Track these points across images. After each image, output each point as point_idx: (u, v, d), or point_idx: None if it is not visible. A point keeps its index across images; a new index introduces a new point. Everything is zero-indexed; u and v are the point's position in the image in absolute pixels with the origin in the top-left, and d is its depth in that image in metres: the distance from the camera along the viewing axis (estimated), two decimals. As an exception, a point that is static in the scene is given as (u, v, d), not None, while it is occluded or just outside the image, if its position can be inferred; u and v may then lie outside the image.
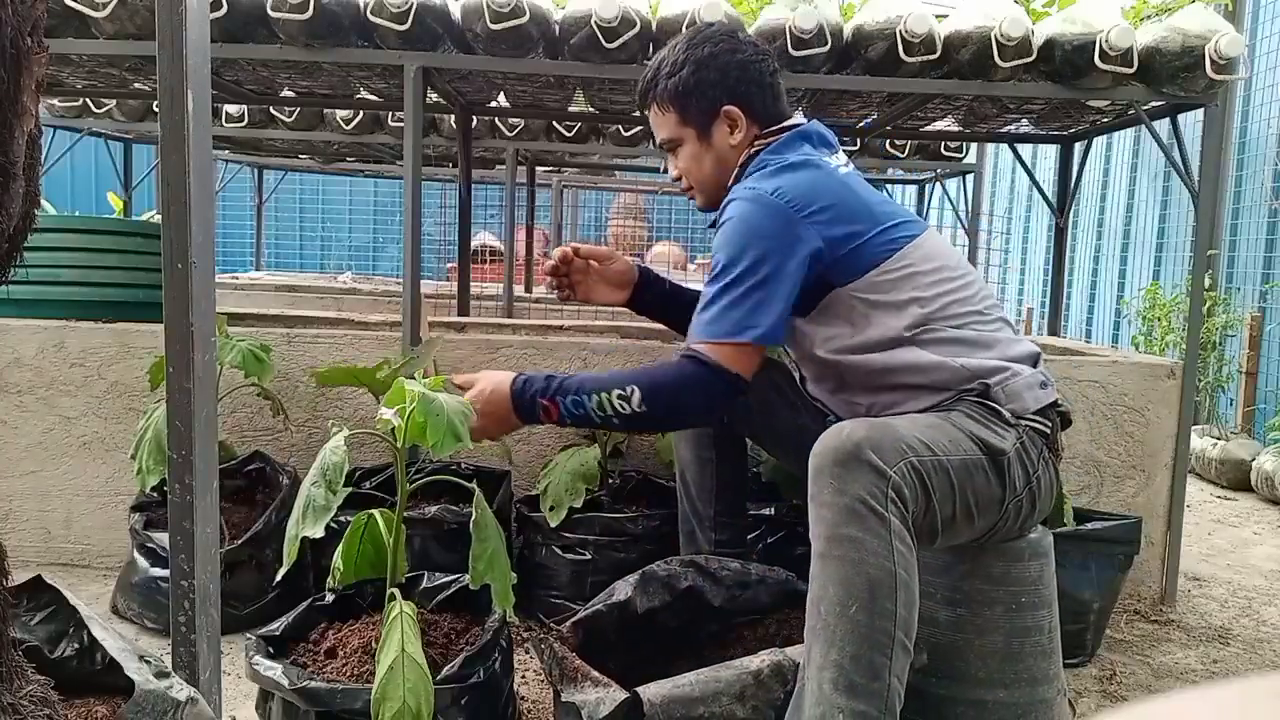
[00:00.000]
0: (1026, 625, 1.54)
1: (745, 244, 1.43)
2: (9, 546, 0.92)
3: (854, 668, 1.19)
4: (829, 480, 1.25)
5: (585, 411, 1.43)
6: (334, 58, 2.29)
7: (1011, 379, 1.47)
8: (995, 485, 1.39)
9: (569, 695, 1.26)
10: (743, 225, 1.45)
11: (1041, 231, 7.03)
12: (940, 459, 1.32)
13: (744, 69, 1.58)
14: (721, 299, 1.42)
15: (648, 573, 1.56)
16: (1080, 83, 2.25)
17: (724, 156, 1.61)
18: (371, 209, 10.51)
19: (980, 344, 1.49)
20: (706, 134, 1.60)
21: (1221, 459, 3.99)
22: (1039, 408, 1.47)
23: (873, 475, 1.24)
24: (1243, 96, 4.91)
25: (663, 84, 1.59)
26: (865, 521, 1.22)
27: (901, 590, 1.22)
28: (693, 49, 1.58)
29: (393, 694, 1.16)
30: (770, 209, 1.45)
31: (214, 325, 1.19)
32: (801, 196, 1.46)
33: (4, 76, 0.77)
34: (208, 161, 1.16)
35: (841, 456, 1.25)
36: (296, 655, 1.39)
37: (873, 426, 1.30)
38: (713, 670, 1.27)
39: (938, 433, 1.35)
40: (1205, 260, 2.50)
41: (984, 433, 1.40)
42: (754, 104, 1.59)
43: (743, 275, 1.42)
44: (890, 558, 1.22)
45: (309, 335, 2.37)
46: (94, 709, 1.09)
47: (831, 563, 1.23)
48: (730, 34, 1.61)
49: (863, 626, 1.20)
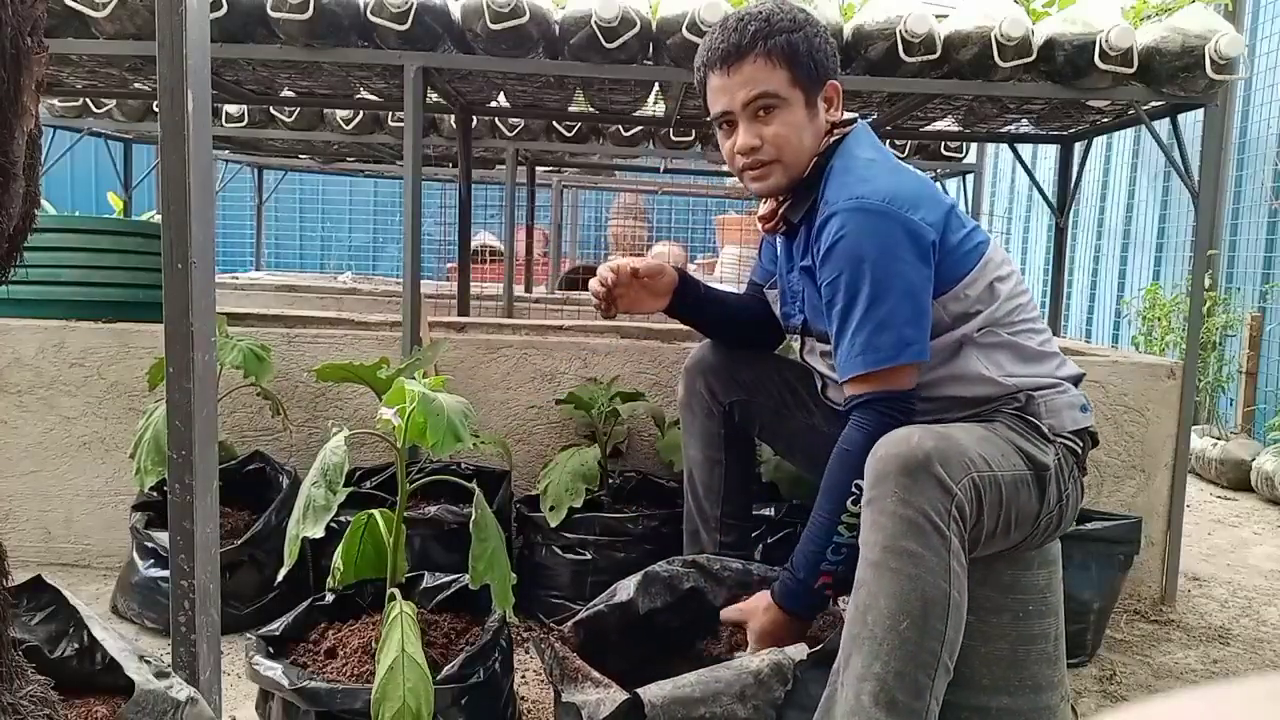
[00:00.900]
0: (1033, 633, 1.54)
1: (873, 260, 1.36)
2: (9, 546, 0.92)
3: (898, 684, 1.18)
4: (893, 489, 1.22)
5: (846, 545, 1.35)
6: (334, 58, 2.29)
7: (1055, 396, 1.46)
8: (1035, 500, 1.39)
9: (569, 695, 1.26)
10: (865, 240, 1.37)
11: (1041, 231, 7.02)
12: (995, 474, 1.31)
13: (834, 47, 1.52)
14: (868, 322, 1.36)
15: (649, 573, 1.56)
16: (1080, 83, 2.25)
17: (819, 132, 1.50)
18: (371, 209, 10.51)
19: (1031, 355, 1.48)
20: (814, 103, 1.49)
21: (1221, 459, 3.99)
22: (1076, 429, 1.47)
23: (939, 491, 1.22)
24: (1243, 96, 4.91)
25: (782, 36, 1.44)
26: (927, 537, 1.20)
27: (954, 613, 1.21)
28: (807, 13, 1.48)
29: (393, 694, 1.17)
30: (889, 218, 1.38)
31: (214, 325, 1.19)
32: (909, 199, 1.40)
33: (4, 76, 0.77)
34: (208, 161, 1.16)
35: (910, 466, 1.22)
36: (296, 655, 1.39)
37: (939, 437, 1.27)
38: (713, 670, 1.27)
39: (992, 446, 1.34)
40: (1205, 260, 2.49)
41: (1029, 447, 1.39)
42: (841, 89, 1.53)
43: (882, 294, 1.35)
44: (947, 578, 1.21)
45: (309, 335, 2.37)
46: (94, 709, 1.09)
47: (886, 574, 1.21)
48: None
49: (911, 644, 1.18)
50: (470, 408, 1.36)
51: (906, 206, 1.39)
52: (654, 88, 2.85)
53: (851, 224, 1.38)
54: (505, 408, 2.36)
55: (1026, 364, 1.47)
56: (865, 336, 1.36)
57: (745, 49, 1.45)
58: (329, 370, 1.83)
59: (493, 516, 1.41)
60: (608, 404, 2.16)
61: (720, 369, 1.79)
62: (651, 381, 2.37)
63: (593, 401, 2.16)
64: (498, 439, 1.99)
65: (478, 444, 1.70)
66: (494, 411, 2.35)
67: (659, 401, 2.35)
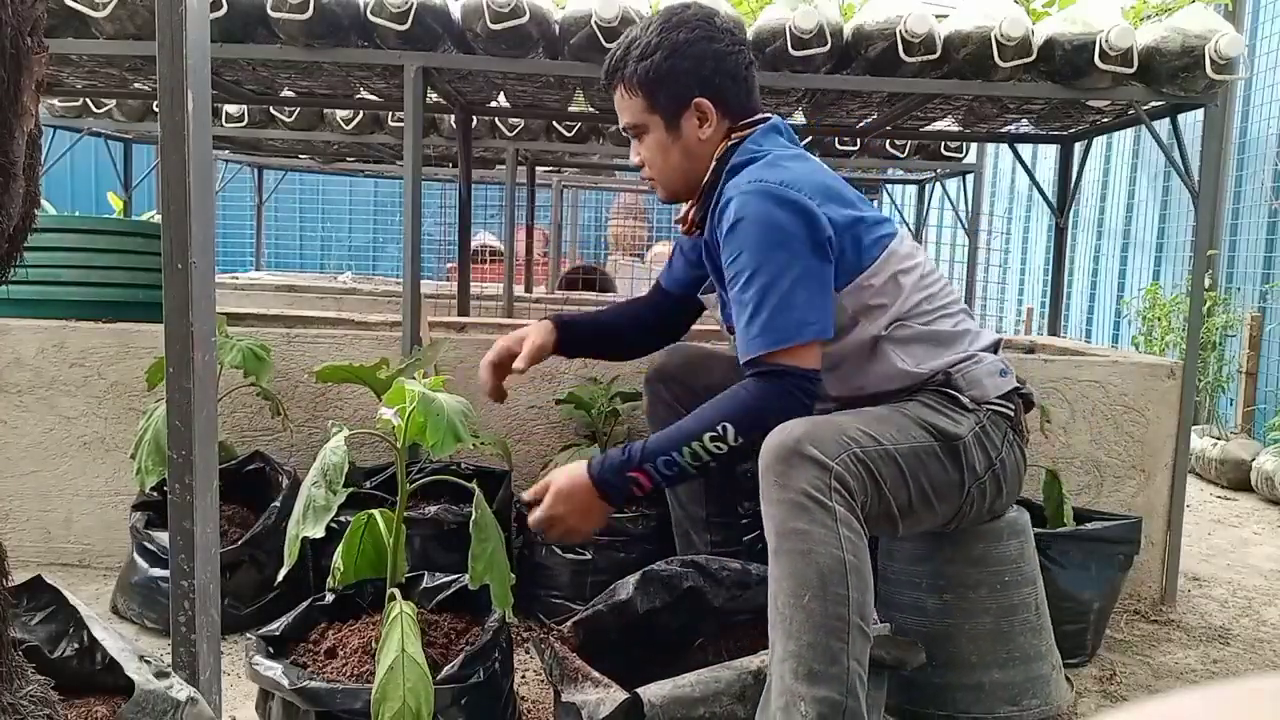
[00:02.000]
0: (1013, 603, 1.55)
1: (772, 241, 1.38)
2: (9, 546, 0.92)
3: (812, 655, 1.20)
4: (773, 478, 1.26)
5: (680, 467, 1.37)
6: (334, 58, 2.29)
7: (972, 367, 1.49)
8: (952, 470, 1.41)
9: (569, 695, 1.26)
10: (762, 223, 1.39)
11: (1041, 231, 7.02)
12: (886, 448, 1.34)
13: (720, 60, 1.51)
14: (766, 304, 1.37)
15: (648, 573, 1.56)
16: (1080, 83, 2.25)
17: (691, 150, 1.54)
18: (371, 209, 10.51)
19: (945, 340, 1.50)
20: (674, 124, 1.53)
21: (1221, 459, 3.99)
22: (1001, 394, 1.50)
23: (814, 469, 1.25)
24: (1243, 96, 4.91)
25: (633, 66, 1.51)
26: (810, 513, 1.24)
27: (852, 575, 1.23)
28: (668, 33, 1.50)
29: (393, 694, 1.16)
30: (786, 202, 1.40)
31: (214, 325, 1.20)
32: (809, 185, 1.43)
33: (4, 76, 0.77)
34: (208, 161, 1.16)
35: (783, 453, 1.26)
36: (296, 655, 1.39)
37: (814, 423, 1.31)
38: (712, 670, 1.27)
39: (884, 424, 1.37)
40: (1205, 260, 2.49)
41: (937, 419, 1.41)
42: (727, 98, 1.53)
43: (779, 274, 1.37)
44: (839, 545, 1.23)
45: (309, 335, 2.37)
46: (94, 709, 1.09)
47: (782, 557, 1.24)
48: (707, 20, 1.53)
49: (816, 615, 1.21)
50: (470, 408, 1.36)
51: (804, 193, 1.41)
52: (654, 88, 2.84)
53: (749, 206, 1.40)
54: (505, 408, 2.35)
55: (942, 349, 1.50)
56: (765, 317, 1.38)
57: (609, 80, 1.57)
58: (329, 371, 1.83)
59: (493, 517, 1.41)
60: (608, 404, 2.16)
61: (679, 377, 1.82)
62: (651, 381, 2.36)
63: (593, 401, 2.16)
64: (498, 439, 1.99)
65: (478, 444, 1.70)
66: (494, 411, 2.35)
67: (659, 401, 2.35)
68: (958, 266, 6.89)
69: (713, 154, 1.54)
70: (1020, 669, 1.55)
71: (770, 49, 2.22)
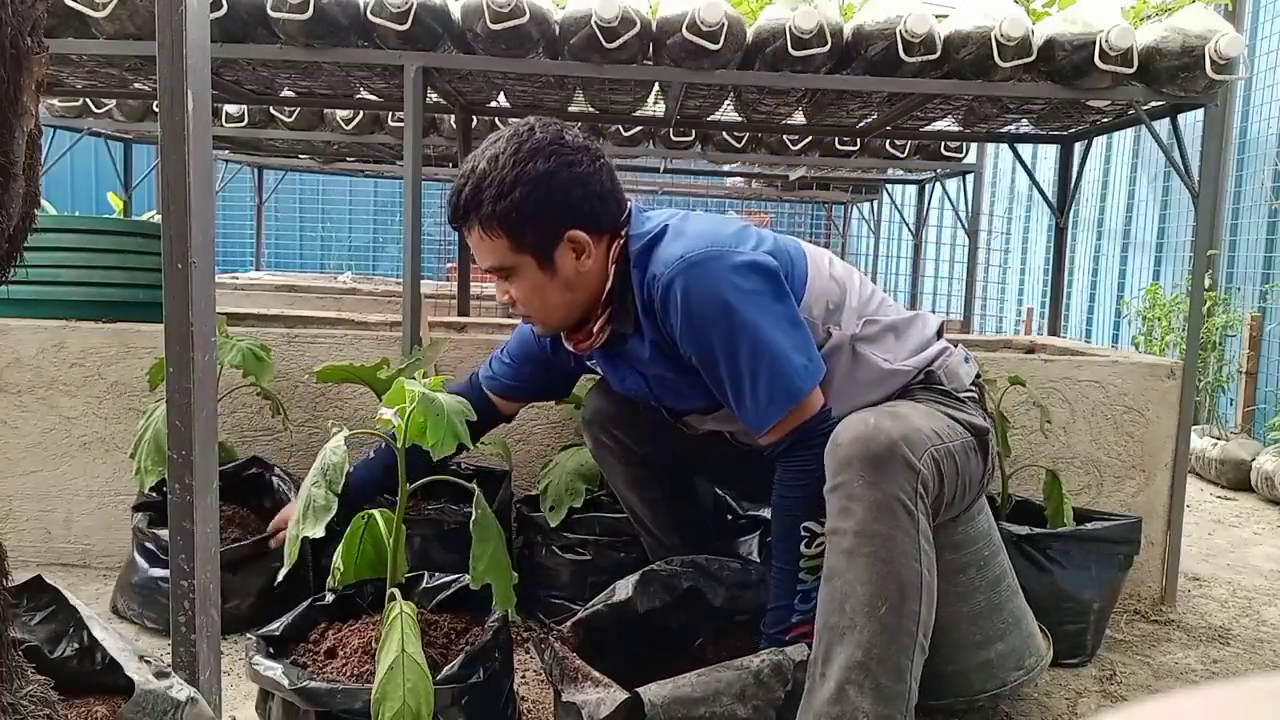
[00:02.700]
0: (996, 575, 1.58)
1: (730, 307, 1.31)
2: (9, 546, 0.92)
3: (881, 670, 1.18)
4: (859, 473, 1.22)
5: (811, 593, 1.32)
6: (334, 58, 2.29)
7: (946, 360, 1.49)
8: (979, 463, 1.42)
9: (569, 695, 1.26)
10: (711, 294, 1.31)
11: (1041, 231, 7.02)
12: (948, 445, 1.33)
13: (585, 183, 1.36)
14: (760, 370, 1.32)
15: (648, 573, 1.56)
16: (1080, 83, 2.25)
17: (572, 283, 1.40)
18: (371, 209, 10.51)
19: (903, 327, 1.50)
20: (548, 262, 1.38)
21: (1221, 459, 3.99)
22: (971, 380, 1.51)
23: (906, 470, 1.22)
24: (1243, 96, 4.91)
25: (489, 207, 1.34)
26: (897, 519, 1.20)
27: (925, 592, 1.22)
28: (522, 165, 1.33)
29: (392, 694, 1.16)
30: (721, 259, 1.32)
31: (214, 325, 1.20)
32: (726, 238, 1.37)
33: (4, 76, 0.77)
34: (208, 161, 1.16)
35: (878, 450, 1.22)
36: (297, 655, 1.39)
37: (896, 418, 1.28)
38: (713, 670, 1.27)
39: (937, 421, 1.36)
40: (1205, 260, 2.49)
41: (963, 415, 1.42)
42: (600, 219, 1.40)
43: (755, 335, 1.31)
44: (919, 558, 1.21)
45: (309, 335, 2.37)
46: (94, 709, 1.09)
47: (860, 560, 1.20)
48: (560, 141, 1.37)
49: (891, 628, 1.18)
50: (469, 407, 1.35)
51: (728, 244, 1.35)
52: (654, 88, 2.85)
53: (690, 282, 1.31)
54: (505, 408, 2.35)
55: (907, 338, 1.49)
56: (765, 385, 1.32)
57: (462, 220, 1.39)
58: (330, 371, 1.83)
59: (493, 516, 1.40)
60: (608, 404, 2.15)
61: (623, 419, 1.74)
62: (651, 381, 2.36)
63: (593, 401, 2.15)
64: (498, 439, 1.99)
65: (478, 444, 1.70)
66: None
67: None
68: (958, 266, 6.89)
69: (603, 273, 1.42)
70: (1015, 633, 1.58)
71: (770, 49, 2.22)
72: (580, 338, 1.50)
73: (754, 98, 2.77)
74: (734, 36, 2.21)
